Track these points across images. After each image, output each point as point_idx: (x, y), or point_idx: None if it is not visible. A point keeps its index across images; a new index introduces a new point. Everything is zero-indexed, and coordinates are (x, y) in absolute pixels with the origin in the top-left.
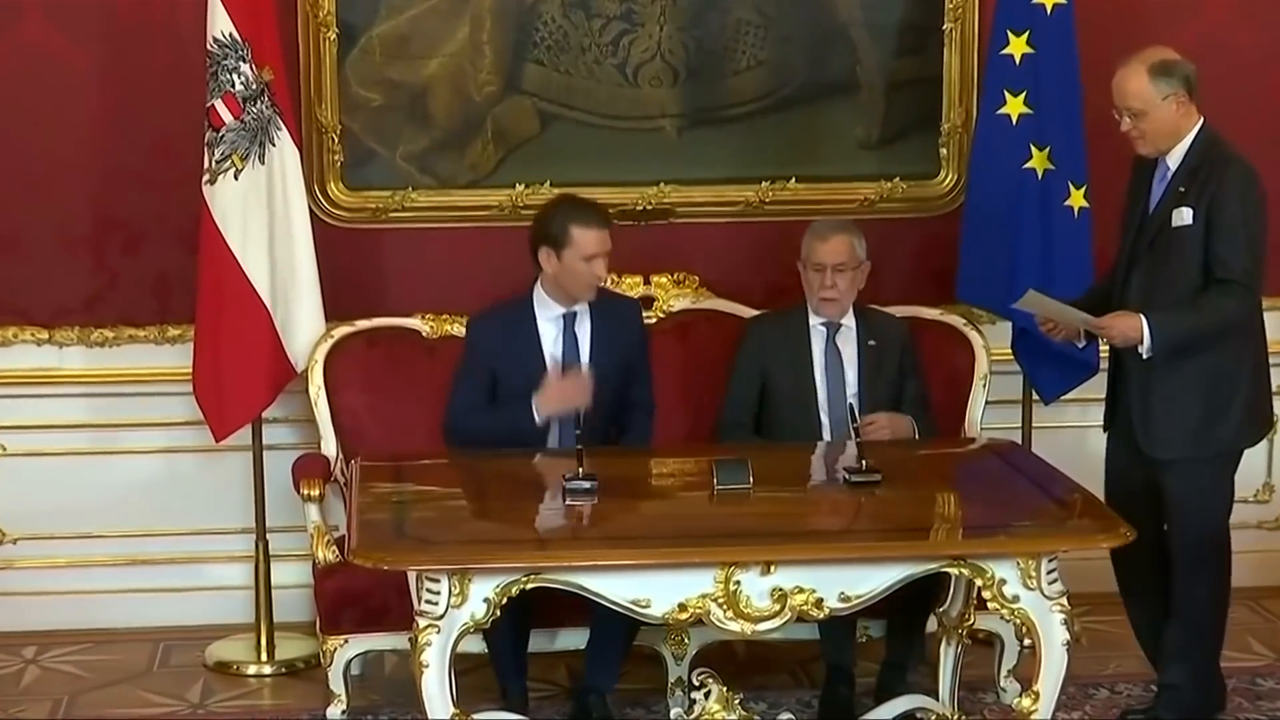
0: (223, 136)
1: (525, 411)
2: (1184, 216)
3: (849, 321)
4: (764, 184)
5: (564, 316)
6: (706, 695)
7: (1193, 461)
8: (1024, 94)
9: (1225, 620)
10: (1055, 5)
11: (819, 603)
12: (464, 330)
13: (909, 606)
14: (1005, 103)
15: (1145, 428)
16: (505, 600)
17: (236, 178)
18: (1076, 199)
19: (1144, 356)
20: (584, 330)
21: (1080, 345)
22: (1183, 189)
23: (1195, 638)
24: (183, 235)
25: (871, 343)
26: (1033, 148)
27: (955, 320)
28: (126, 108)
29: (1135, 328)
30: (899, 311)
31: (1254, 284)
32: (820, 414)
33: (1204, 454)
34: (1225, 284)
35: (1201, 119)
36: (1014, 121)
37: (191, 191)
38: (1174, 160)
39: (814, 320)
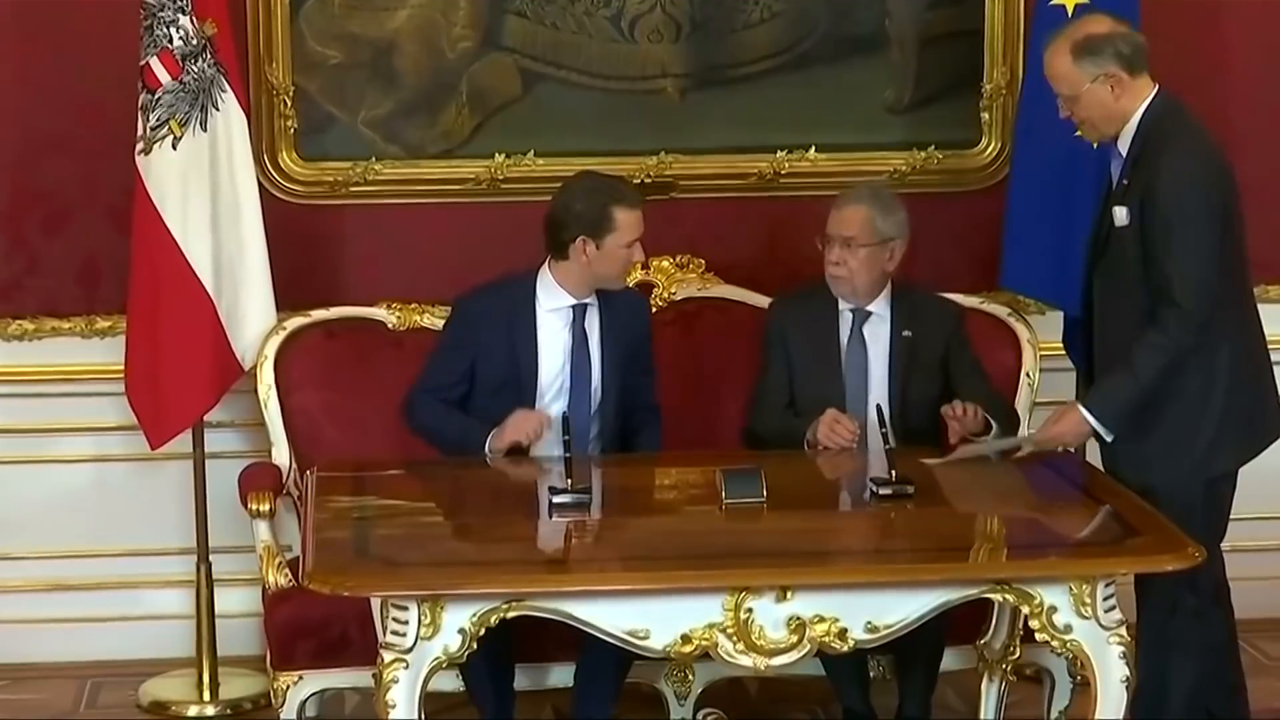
0: (159, 99)
1: (477, 436)
2: (1120, 216)
3: (880, 308)
4: (779, 154)
5: (574, 309)
6: None
7: (1159, 492)
8: (1127, 26)
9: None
10: None
11: (842, 633)
12: (436, 320)
13: (921, 637)
14: None
15: (1106, 448)
16: (483, 631)
17: (174, 147)
18: None
19: (1110, 440)
20: (593, 324)
21: None
22: (1125, 181)
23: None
24: (113, 212)
25: (906, 333)
26: None
27: (998, 310)
28: (48, 65)
29: (1079, 422)
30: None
31: (1197, 297)
32: (845, 413)
33: (1171, 482)
34: (1163, 308)
35: (1153, 91)
36: None
37: (123, 162)
38: (1124, 145)
39: (842, 305)
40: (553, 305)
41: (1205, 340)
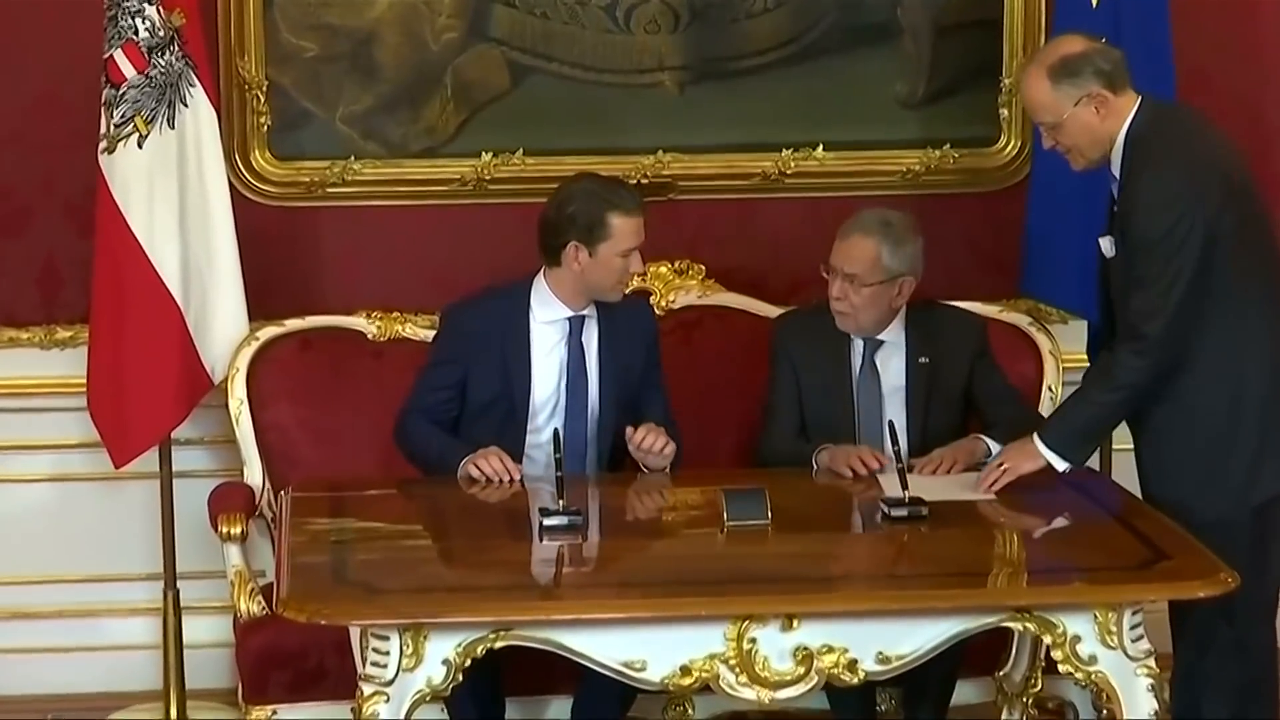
0: (123, 94)
1: (454, 459)
2: (1105, 247)
3: (893, 335)
4: (784, 152)
5: (570, 321)
6: None
7: (1200, 521)
8: (1101, 41)
9: None
10: None
11: (852, 665)
12: (419, 330)
13: (934, 665)
14: None
15: (1140, 471)
16: (469, 662)
17: (140, 145)
18: None
19: (1064, 470)
20: (591, 338)
21: None
22: (1116, 209)
23: None
24: (74, 214)
25: (923, 360)
26: None
27: (1019, 319)
28: (4, 56)
29: (1030, 455)
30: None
31: (1152, 323)
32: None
33: (1212, 510)
34: (1123, 336)
35: (1136, 105)
36: None
37: (85, 161)
38: (1116, 167)
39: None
40: (548, 317)
41: (1198, 362)
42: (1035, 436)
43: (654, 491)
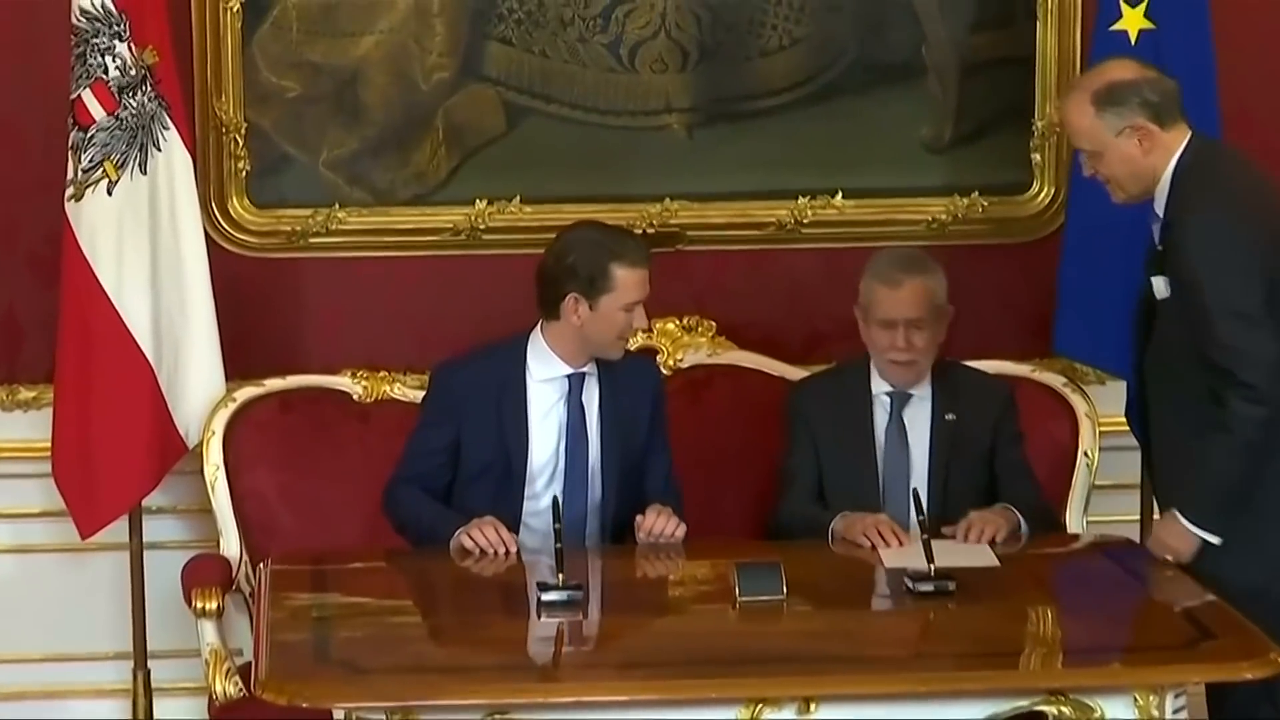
0: (92, 138)
1: (445, 530)
2: (1159, 287)
3: (921, 391)
4: (801, 200)
5: (569, 379)
6: None
7: (1226, 600)
8: (1156, 72)
9: None
10: None
11: None
12: (408, 391)
13: None
14: None
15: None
16: None
17: (109, 191)
18: None
19: (1218, 542)
20: (591, 397)
21: None
22: (1162, 247)
23: None
24: (38, 265)
25: (949, 417)
26: None
27: (1052, 379)
28: None
29: (1182, 536)
30: (980, 368)
31: (1257, 367)
32: (882, 510)
33: (1236, 589)
34: (1225, 388)
35: (1185, 141)
36: None
37: (50, 208)
38: (1160, 205)
39: (876, 388)
40: (545, 375)
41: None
42: (1179, 516)
43: (661, 564)
